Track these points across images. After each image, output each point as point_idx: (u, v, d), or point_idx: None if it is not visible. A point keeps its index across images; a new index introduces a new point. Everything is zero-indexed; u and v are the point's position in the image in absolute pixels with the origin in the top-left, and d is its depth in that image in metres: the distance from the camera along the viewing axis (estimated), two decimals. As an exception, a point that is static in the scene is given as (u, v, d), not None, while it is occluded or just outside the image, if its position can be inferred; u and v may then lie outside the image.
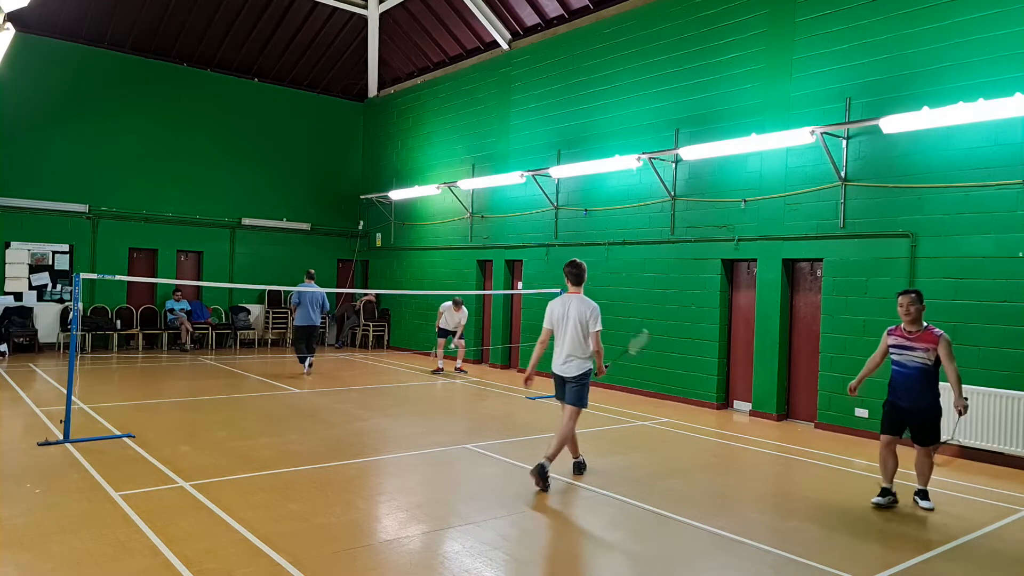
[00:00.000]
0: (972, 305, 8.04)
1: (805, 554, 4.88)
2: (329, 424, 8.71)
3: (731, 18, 10.61)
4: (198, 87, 17.00)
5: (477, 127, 15.55)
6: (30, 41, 14.55)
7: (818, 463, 7.59)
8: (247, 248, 17.66)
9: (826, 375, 9.33)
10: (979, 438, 7.79)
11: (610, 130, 12.31)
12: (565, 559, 4.79)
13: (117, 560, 4.37)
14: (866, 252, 9.00)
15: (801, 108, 9.66)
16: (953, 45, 8.31)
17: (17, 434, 7.57)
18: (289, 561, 4.42)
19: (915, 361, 6.06)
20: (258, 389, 11.07)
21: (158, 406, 9.54)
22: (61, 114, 15.22)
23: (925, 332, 6.04)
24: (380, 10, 17.41)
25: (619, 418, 9.72)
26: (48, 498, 5.51)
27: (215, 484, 5.99)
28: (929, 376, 6.05)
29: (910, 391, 6.10)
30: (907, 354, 6.09)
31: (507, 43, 14.82)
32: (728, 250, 10.55)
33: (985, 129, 7.98)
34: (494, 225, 14.96)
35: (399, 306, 17.87)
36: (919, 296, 6.11)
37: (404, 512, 5.53)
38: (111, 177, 15.75)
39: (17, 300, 14.69)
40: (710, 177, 10.79)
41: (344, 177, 19.38)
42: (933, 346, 5.98)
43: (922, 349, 6.02)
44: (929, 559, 4.92)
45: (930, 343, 5.99)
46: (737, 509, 5.94)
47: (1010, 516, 5.95)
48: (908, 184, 8.64)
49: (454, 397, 11.30)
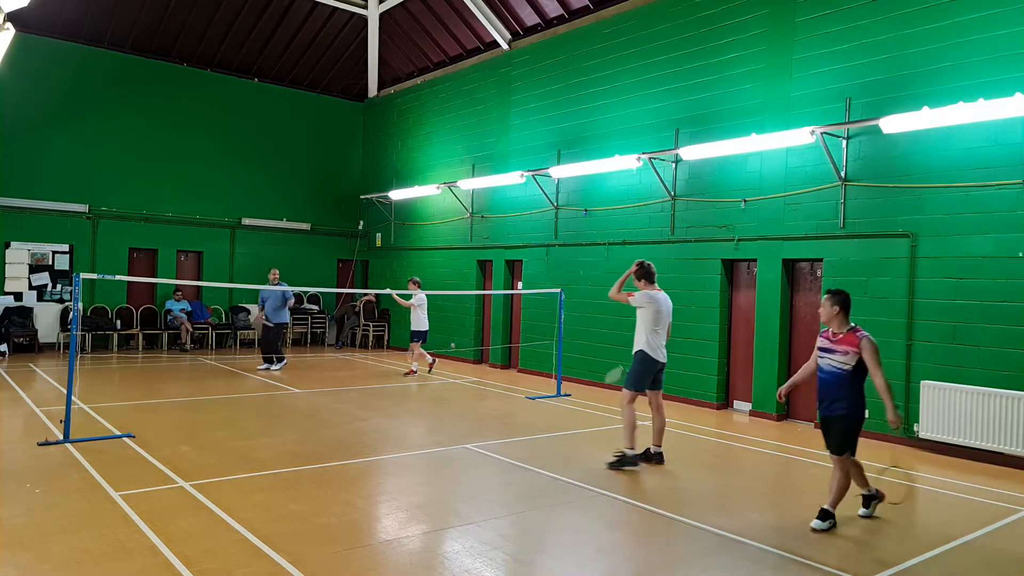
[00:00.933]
0: (972, 305, 8.04)
1: (805, 554, 4.88)
2: (329, 424, 8.71)
3: (731, 18, 10.61)
4: (198, 87, 17.00)
5: (477, 127, 15.55)
6: (30, 41, 14.55)
7: (818, 463, 7.59)
8: (247, 248, 17.66)
9: (826, 375, 9.32)
10: (979, 438, 7.79)
11: (610, 130, 12.31)
12: (565, 559, 4.79)
13: (117, 560, 4.37)
14: (866, 252, 9.00)
15: (801, 108, 9.66)
16: (953, 45, 8.31)
17: (17, 434, 7.57)
18: (289, 561, 4.42)
19: (832, 365, 5.49)
20: (258, 389, 11.07)
21: (158, 406, 9.54)
22: (61, 114, 15.22)
23: (848, 334, 5.46)
24: (380, 10, 17.41)
25: (619, 418, 9.70)
26: (48, 498, 5.51)
27: (215, 484, 5.99)
28: (843, 383, 5.40)
29: (823, 399, 5.55)
30: (827, 357, 5.55)
31: (507, 43, 14.82)
32: (728, 250, 10.55)
33: (985, 129, 7.98)
34: (494, 225, 14.96)
35: (399, 306, 17.82)
36: (834, 295, 5.58)
37: (404, 512, 5.53)
38: (111, 177, 15.76)
39: (17, 300, 14.69)
40: (710, 177, 10.79)
41: (344, 177, 19.38)
42: (854, 349, 5.37)
43: (841, 352, 5.44)
44: (929, 559, 4.92)
45: (851, 346, 5.39)
46: (737, 509, 5.94)
47: (1010, 516, 5.95)
48: (908, 184, 8.64)
49: (454, 397, 11.30)
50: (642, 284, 7.39)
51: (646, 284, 7.38)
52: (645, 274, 7.41)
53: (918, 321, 8.49)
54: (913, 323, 8.52)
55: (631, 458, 7.00)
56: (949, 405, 8.01)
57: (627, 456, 7.01)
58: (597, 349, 12.34)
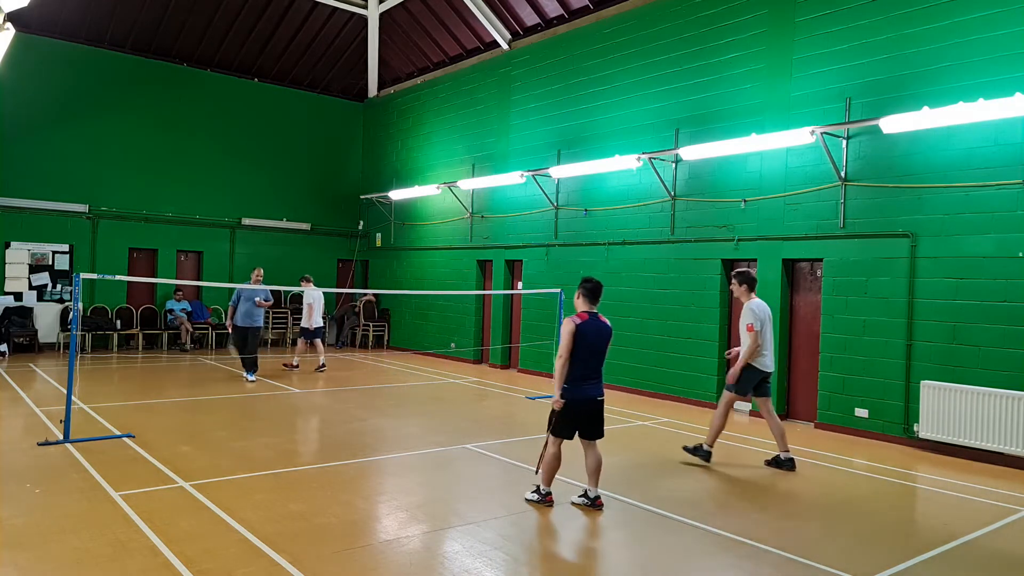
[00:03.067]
0: (972, 305, 8.04)
1: (805, 554, 4.88)
2: (329, 424, 8.71)
3: (731, 18, 10.61)
4: (198, 87, 17.00)
5: (477, 127, 15.55)
6: (30, 41, 14.55)
7: (818, 463, 7.59)
8: (247, 248, 17.66)
9: (826, 375, 9.33)
10: (979, 438, 7.79)
11: (610, 130, 12.31)
12: (565, 559, 4.79)
13: (117, 560, 4.37)
14: (866, 252, 9.00)
15: (801, 108, 9.66)
16: (953, 45, 8.31)
17: (17, 434, 7.57)
18: (289, 561, 4.42)
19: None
20: (258, 389, 11.07)
21: (158, 406, 9.54)
22: (61, 114, 15.22)
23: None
24: (380, 10, 17.41)
25: (619, 418, 9.72)
26: (48, 498, 5.51)
27: (215, 484, 5.99)
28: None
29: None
30: None
31: (507, 43, 14.82)
32: (728, 250, 10.55)
33: (985, 129, 7.98)
34: (494, 225, 14.96)
35: (399, 306, 17.87)
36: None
37: (404, 512, 5.53)
38: (111, 177, 15.76)
39: (17, 300, 14.69)
40: (710, 177, 10.80)
41: (344, 177, 19.38)
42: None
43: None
44: (929, 559, 4.92)
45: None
46: (737, 509, 5.94)
47: (1010, 516, 5.95)
48: (908, 184, 8.64)
49: (454, 397, 11.30)
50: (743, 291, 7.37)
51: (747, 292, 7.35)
52: (747, 279, 7.37)
53: (918, 321, 8.49)
54: (913, 323, 8.52)
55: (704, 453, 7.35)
56: (949, 405, 8.01)
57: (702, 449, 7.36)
58: (597, 349, 12.32)
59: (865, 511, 5.97)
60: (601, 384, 5.85)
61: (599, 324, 5.79)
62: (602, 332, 5.79)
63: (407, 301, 17.41)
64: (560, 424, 5.72)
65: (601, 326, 5.80)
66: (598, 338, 5.74)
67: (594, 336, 5.71)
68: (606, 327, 5.84)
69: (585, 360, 5.67)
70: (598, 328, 5.77)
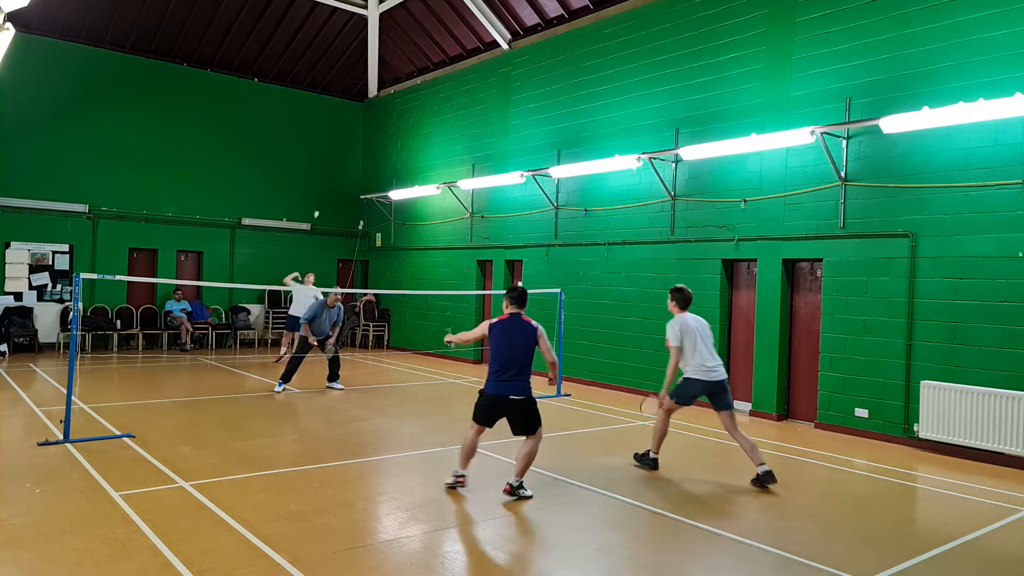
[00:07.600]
0: (972, 305, 8.04)
1: (805, 554, 4.88)
2: (329, 424, 8.71)
3: (731, 18, 10.61)
4: (198, 87, 16.99)
5: (477, 127, 15.55)
6: (30, 41, 14.54)
7: (818, 463, 7.59)
8: (247, 248, 17.66)
9: (826, 375, 9.33)
10: (979, 438, 7.79)
11: (610, 130, 12.31)
12: (565, 559, 4.79)
13: (117, 560, 4.37)
14: (866, 252, 9.00)
15: (801, 108, 9.66)
16: (953, 45, 8.31)
17: (17, 434, 7.57)
18: (289, 561, 4.42)
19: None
20: (258, 389, 11.07)
21: (158, 406, 9.53)
22: (61, 114, 15.22)
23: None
24: (380, 10, 17.41)
25: (619, 418, 9.72)
26: (48, 498, 5.51)
27: (215, 484, 5.99)
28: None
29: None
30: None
31: (507, 43, 14.82)
32: (728, 250, 10.55)
33: (985, 129, 7.98)
34: (494, 225, 14.95)
35: (399, 306, 17.87)
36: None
37: (404, 512, 5.53)
38: (111, 177, 15.75)
39: (17, 300, 14.68)
40: (710, 177, 10.79)
41: (344, 177, 19.37)
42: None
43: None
44: (929, 559, 4.92)
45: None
46: (737, 509, 5.94)
47: (1010, 516, 5.95)
48: (908, 184, 8.64)
49: (454, 397, 11.30)
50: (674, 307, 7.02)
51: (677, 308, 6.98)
52: (676, 296, 6.99)
53: (918, 321, 8.49)
54: (913, 323, 8.52)
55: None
56: (949, 405, 8.01)
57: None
58: (597, 349, 12.34)
59: (865, 511, 5.97)
60: (521, 385, 5.99)
61: (520, 323, 6.10)
62: (520, 330, 6.07)
63: (407, 301, 17.41)
64: (475, 409, 6.13)
65: (522, 325, 6.09)
66: (512, 336, 6.04)
67: (507, 334, 6.05)
68: (528, 326, 6.09)
69: (500, 356, 5.98)
70: (516, 327, 6.08)
